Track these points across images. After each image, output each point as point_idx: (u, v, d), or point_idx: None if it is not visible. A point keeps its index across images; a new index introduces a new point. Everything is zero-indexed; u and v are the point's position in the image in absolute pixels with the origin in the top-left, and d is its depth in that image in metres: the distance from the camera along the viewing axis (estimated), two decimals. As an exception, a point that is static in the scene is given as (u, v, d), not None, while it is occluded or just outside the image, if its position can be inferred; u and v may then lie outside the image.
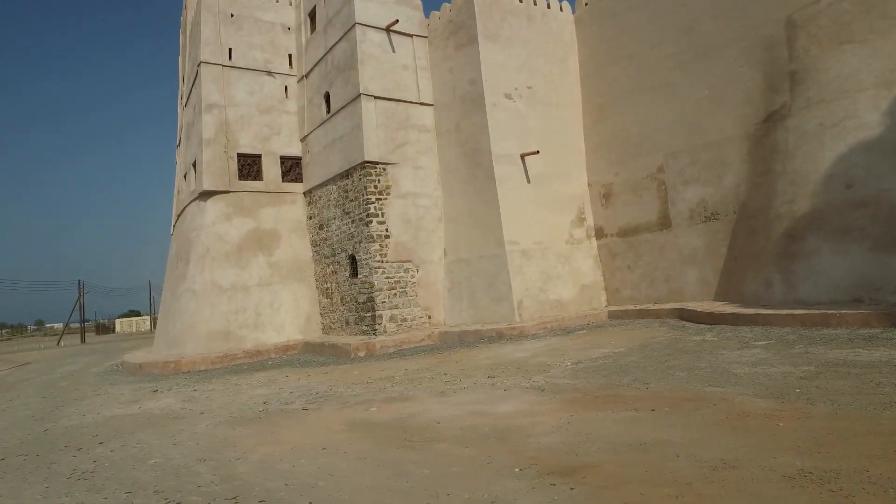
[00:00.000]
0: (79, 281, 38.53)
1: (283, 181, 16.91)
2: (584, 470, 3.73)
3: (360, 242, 13.98)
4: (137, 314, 73.14)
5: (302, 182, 17.21)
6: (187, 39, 19.62)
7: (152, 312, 54.38)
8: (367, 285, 13.74)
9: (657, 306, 12.09)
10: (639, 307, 12.57)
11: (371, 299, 13.55)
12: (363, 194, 13.90)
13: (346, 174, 14.60)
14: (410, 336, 12.86)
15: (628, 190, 13.67)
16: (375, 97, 14.18)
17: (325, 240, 15.78)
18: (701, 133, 11.96)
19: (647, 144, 13.15)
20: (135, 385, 12.22)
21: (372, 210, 13.73)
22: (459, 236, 14.37)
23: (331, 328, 15.62)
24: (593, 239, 14.68)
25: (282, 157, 17.00)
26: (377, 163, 13.99)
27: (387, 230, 13.88)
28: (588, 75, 14.82)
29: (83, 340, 38.90)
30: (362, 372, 9.98)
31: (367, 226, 13.71)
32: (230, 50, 16.59)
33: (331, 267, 15.51)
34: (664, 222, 12.83)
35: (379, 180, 13.97)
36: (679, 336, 8.97)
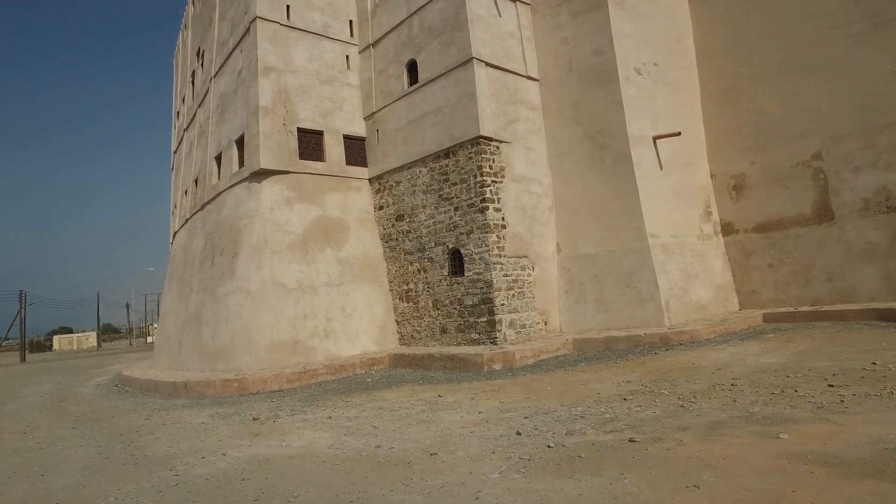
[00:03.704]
0: (20, 291, 33.00)
1: (346, 164, 14.35)
2: None
3: (471, 233, 11.70)
4: (70, 331, 65.31)
5: (366, 166, 14.70)
6: (215, 20, 16.74)
7: (99, 327, 48.26)
8: (480, 284, 11.44)
9: (834, 307, 10.61)
10: (803, 309, 11.05)
11: (488, 300, 11.26)
12: (475, 176, 11.67)
13: (447, 153, 12.33)
14: (546, 345, 10.68)
15: (769, 180, 12.27)
16: (487, 64, 12.09)
17: (408, 232, 13.33)
18: (876, 113, 10.74)
19: (796, 129, 11.82)
20: (202, 410, 9.29)
21: (488, 194, 11.52)
22: (579, 229, 12.41)
23: (413, 338, 13.10)
24: (720, 235, 13.15)
25: (345, 136, 14.46)
26: (491, 139, 11.84)
27: (503, 219, 11.70)
28: (708, 56, 13.43)
29: (23, 359, 33.21)
30: (556, 388, 7.74)
31: (483, 213, 11.48)
32: (288, 7, 13.99)
33: (416, 265, 13.05)
34: (823, 214, 11.47)
35: (493, 160, 11.81)
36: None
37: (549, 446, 4.91)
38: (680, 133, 12.01)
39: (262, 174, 13.01)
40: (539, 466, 4.43)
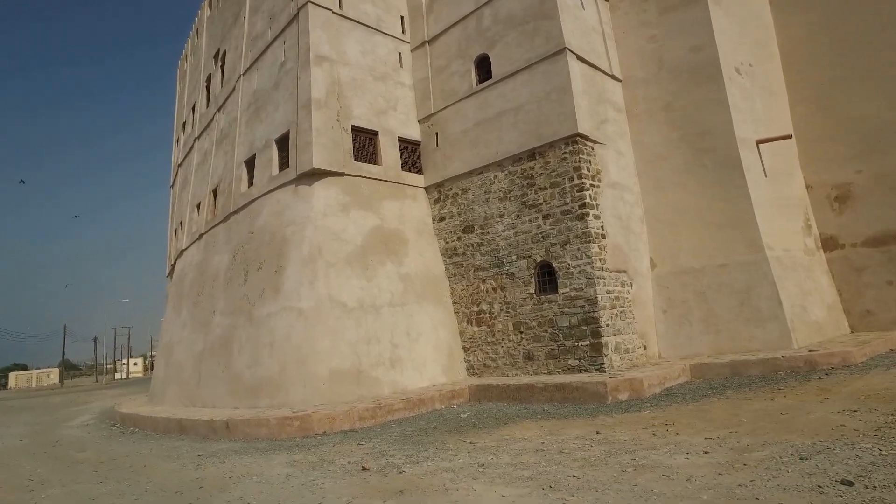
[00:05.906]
0: (-21, 320, 29.34)
1: (402, 170, 12.76)
2: None
3: (566, 244, 10.17)
4: (24, 368, 59.93)
5: (422, 173, 13.13)
6: (244, 15, 15.28)
7: (63, 363, 44.18)
8: (581, 302, 9.84)
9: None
10: (944, 331, 9.86)
11: (592, 320, 9.66)
12: (571, 179, 10.25)
13: (532, 154, 10.90)
14: (668, 371, 9.10)
15: (883, 188, 11.26)
16: (578, 57, 10.87)
17: (479, 245, 11.70)
18: None
19: (912, 134, 10.92)
20: (268, 457, 7.29)
21: (587, 199, 10.08)
22: (678, 241, 11.05)
23: (486, 367, 11.30)
24: (821, 251, 12.00)
25: (400, 139, 12.92)
26: (587, 138, 10.49)
27: (602, 227, 10.25)
28: (797, 60, 12.59)
29: (-23, 398, 29.38)
30: (751, 419, 6.13)
31: (583, 220, 10.00)
32: (340, -5, 12.60)
33: (491, 282, 11.38)
34: (951, 226, 10.45)
35: (590, 162, 10.44)
36: None
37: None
38: (791, 136, 10.98)
39: (313, 175, 11.27)
40: None
